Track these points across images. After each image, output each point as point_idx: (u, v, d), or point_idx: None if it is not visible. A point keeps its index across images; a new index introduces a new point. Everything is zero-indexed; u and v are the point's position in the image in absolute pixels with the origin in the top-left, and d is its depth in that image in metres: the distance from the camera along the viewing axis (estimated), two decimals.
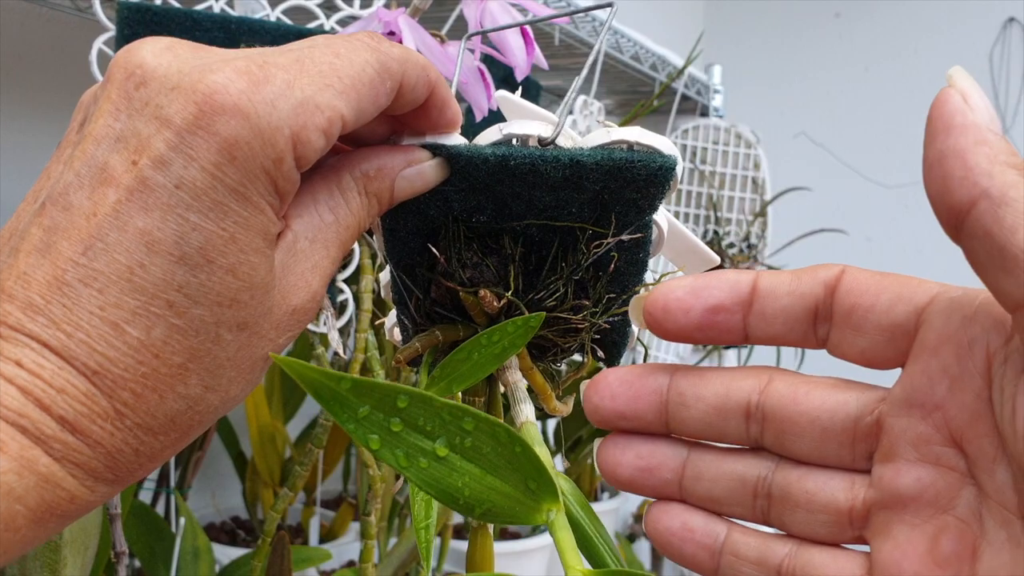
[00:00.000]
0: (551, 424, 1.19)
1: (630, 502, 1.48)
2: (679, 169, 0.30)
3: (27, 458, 0.22)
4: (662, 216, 0.31)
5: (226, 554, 0.84)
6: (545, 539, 1.07)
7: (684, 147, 1.38)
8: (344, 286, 0.67)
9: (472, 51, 0.53)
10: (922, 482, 0.23)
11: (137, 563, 0.77)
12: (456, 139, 0.30)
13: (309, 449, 0.67)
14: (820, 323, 0.25)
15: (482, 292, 0.30)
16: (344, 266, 0.67)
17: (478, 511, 0.24)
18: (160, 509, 0.87)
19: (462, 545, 0.99)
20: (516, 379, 0.30)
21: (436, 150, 0.29)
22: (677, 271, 0.32)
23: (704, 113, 1.47)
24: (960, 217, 0.20)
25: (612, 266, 0.31)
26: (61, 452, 0.23)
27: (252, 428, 0.91)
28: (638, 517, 1.59)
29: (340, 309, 0.67)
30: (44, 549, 0.49)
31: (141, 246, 0.24)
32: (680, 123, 1.37)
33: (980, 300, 0.22)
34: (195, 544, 0.73)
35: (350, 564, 0.95)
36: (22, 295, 0.23)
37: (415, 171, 0.29)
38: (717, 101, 1.48)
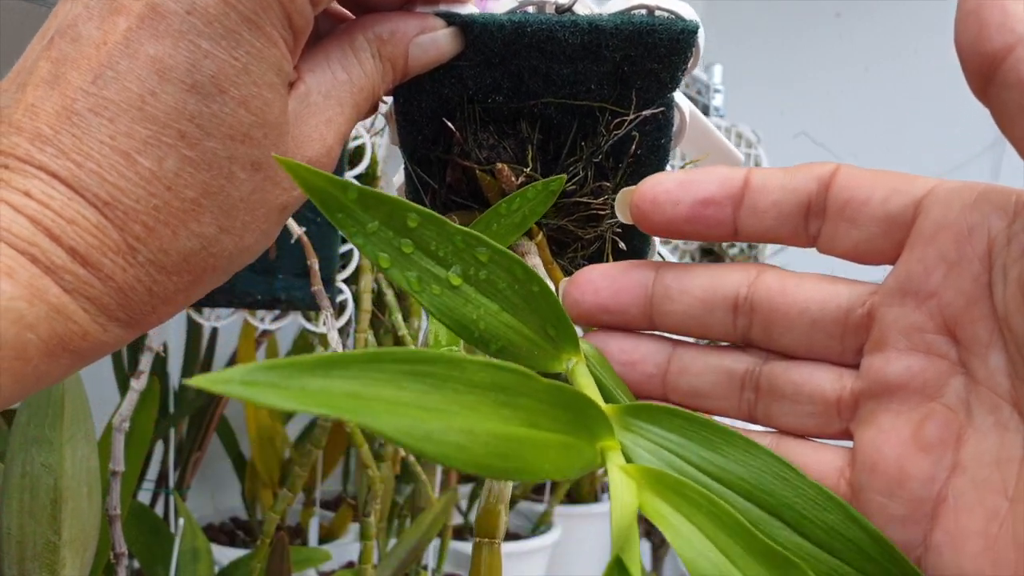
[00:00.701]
0: None
1: None
2: (700, 35, 0.29)
3: (37, 287, 0.22)
4: (685, 103, 0.31)
5: (225, 555, 0.84)
6: (545, 539, 1.07)
7: None
8: (343, 286, 0.67)
9: None
10: (911, 370, 0.23)
11: (136, 564, 0.77)
12: (470, 9, 0.29)
13: (308, 450, 0.67)
14: (812, 218, 0.24)
15: (500, 166, 0.29)
16: (343, 266, 0.67)
17: (494, 346, 0.23)
18: (159, 510, 0.87)
19: (462, 546, 0.99)
20: (536, 262, 0.30)
21: (450, 19, 0.29)
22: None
23: (705, 113, 1.47)
24: (993, 66, 0.20)
25: (633, 148, 0.30)
26: (72, 284, 0.23)
27: (251, 429, 0.91)
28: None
29: (340, 309, 0.66)
30: (43, 549, 0.49)
31: (152, 74, 0.23)
32: None
33: (981, 189, 0.22)
34: (194, 545, 0.72)
35: (349, 565, 0.95)
36: (30, 126, 0.23)
37: (429, 39, 0.29)
38: (717, 101, 1.48)
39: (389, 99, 0.31)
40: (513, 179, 0.29)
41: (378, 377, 0.17)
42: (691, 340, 0.26)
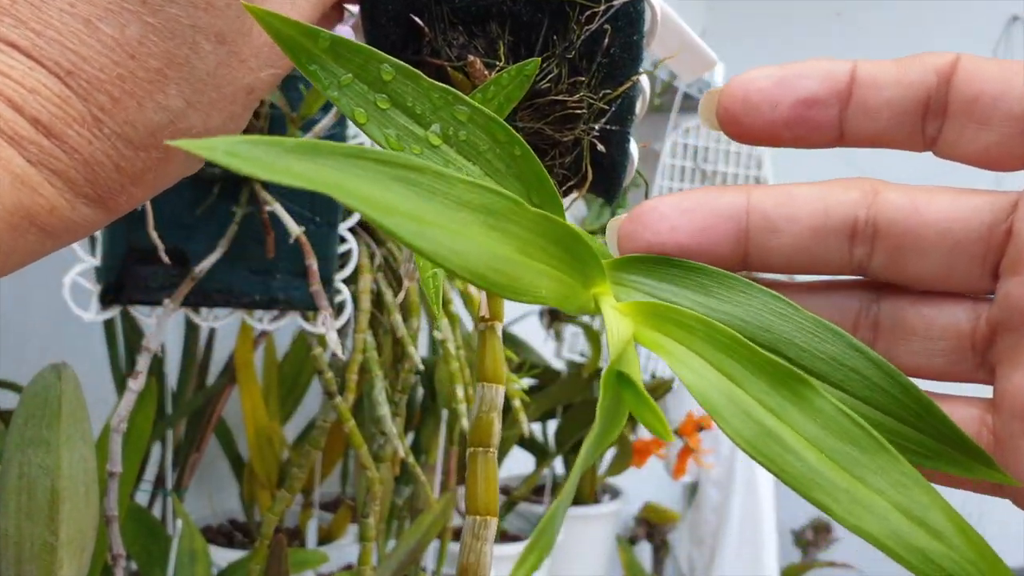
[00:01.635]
0: (551, 425, 1.18)
1: (631, 504, 1.48)
2: None
3: (1, 156, 0.22)
4: None
5: (223, 556, 0.84)
6: None
7: (686, 146, 1.37)
8: (342, 286, 0.66)
9: None
10: None
11: (134, 565, 0.77)
12: None
13: (307, 451, 0.67)
14: (931, 119, 0.21)
15: (472, 59, 0.29)
16: (342, 266, 0.67)
17: None
18: (157, 511, 0.87)
19: None
20: None
21: None
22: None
23: None
24: None
25: (606, 43, 0.29)
26: (36, 156, 0.23)
27: (249, 430, 0.91)
28: (639, 520, 1.59)
29: (338, 309, 0.66)
30: (41, 551, 0.49)
31: None
32: (682, 122, 1.37)
33: None
34: (192, 546, 0.72)
35: (348, 567, 0.95)
36: None
37: None
38: None
39: (355, 9, 0.30)
40: (486, 73, 0.29)
41: (363, 175, 0.16)
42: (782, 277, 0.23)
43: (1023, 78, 0.20)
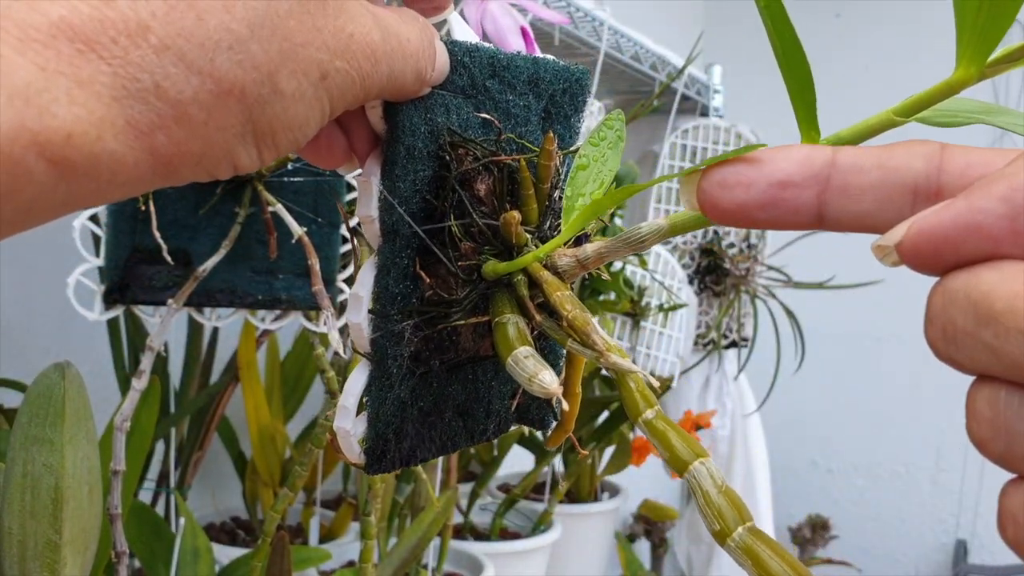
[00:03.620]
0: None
1: (630, 502, 1.48)
2: (591, 88, 0.34)
3: None
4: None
5: (226, 554, 0.84)
6: (545, 538, 1.07)
7: (684, 147, 1.38)
8: (344, 286, 0.67)
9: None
10: None
11: (137, 563, 0.77)
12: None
13: (309, 449, 0.67)
14: (920, 203, 0.21)
15: (550, 135, 0.30)
16: (344, 266, 0.67)
17: None
18: (160, 509, 0.87)
19: (462, 545, 0.99)
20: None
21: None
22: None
23: (704, 113, 1.47)
24: None
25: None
26: (54, 63, 0.19)
27: (252, 428, 0.91)
28: (638, 518, 1.59)
29: (340, 309, 0.67)
30: (45, 549, 0.50)
31: None
32: (680, 123, 1.37)
33: None
34: (195, 544, 0.73)
35: (350, 564, 0.95)
36: None
37: (440, 46, 0.28)
38: (717, 101, 1.48)
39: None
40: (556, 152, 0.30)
41: None
42: None
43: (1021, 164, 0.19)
